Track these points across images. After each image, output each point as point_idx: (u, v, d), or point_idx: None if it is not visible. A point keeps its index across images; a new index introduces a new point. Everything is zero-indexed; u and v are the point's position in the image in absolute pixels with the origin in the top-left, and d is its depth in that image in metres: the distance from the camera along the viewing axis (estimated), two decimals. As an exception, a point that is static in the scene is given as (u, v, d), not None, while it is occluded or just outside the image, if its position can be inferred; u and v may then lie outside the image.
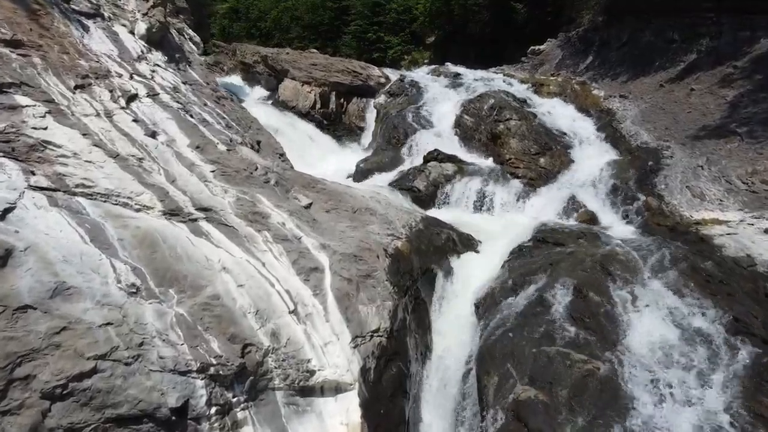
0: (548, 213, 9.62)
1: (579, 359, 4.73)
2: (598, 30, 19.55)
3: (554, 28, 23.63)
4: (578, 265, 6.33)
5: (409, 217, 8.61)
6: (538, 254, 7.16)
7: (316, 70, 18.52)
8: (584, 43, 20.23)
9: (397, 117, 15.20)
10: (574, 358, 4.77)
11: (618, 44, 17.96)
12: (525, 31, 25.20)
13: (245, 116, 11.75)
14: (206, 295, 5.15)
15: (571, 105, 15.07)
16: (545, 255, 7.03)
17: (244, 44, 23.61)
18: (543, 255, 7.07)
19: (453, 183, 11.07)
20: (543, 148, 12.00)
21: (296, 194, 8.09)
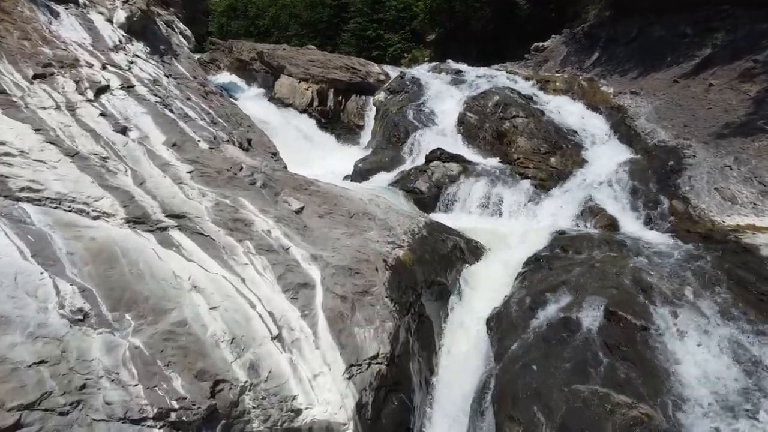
0: (563, 217, 8.69)
1: (621, 402, 3.82)
2: (605, 25, 18.60)
3: (558, 24, 22.69)
4: (607, 280, 5.40)
5: (412, 223, 7.68)
6: (558, 266, 6.22)
7: (314, 67, 17.58)
8: (590, 39, 19.29)
9: (397, 115, 14.27)
10: (615, 400, 3.85)
11: (626, 40, 17.02)
12: (528, 27, 24.25)
13: (235, 113, 10.82)
14: (170, 321, 4.21)
15: (580, 102, 14.11)
16: (566, 267, 6.09)
17: (240, 41, 22.66)
18: (563, 267, 6.14)
19: (457, 184, 10.14)
20: (553, 147, 11.07)
21: (286, 197, 7.15)
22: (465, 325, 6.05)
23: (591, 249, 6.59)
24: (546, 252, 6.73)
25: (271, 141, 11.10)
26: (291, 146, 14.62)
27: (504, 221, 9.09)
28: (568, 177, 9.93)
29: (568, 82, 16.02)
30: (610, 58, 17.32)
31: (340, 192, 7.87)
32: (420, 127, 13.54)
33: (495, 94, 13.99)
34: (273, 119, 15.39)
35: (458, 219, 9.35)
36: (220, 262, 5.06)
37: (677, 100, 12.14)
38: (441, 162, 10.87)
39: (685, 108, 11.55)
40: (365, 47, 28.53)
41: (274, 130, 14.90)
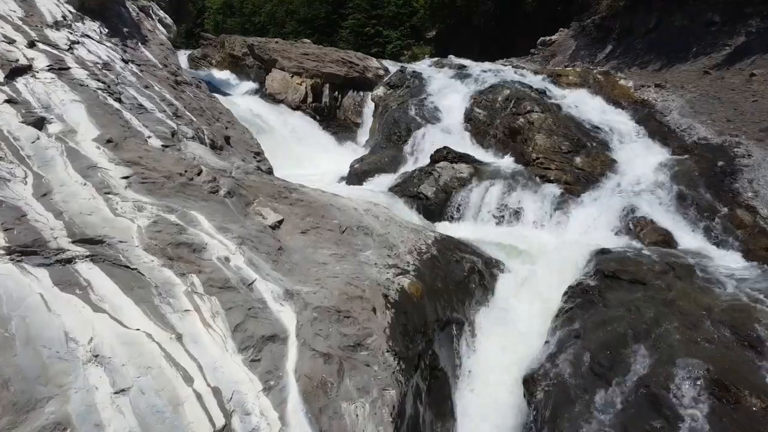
0: (600, 229, 7.01)
1: None
2: (619, 17, 16.92)
3: (564, 17, 21.00)
4: (695, 328, 3.74)
5: (418, 238, 5.99)
6: (615, 301, 4.55)
7: (308, 60, 15.87)
8: (602, 32, 17.63)
9: (398, 111, 12.57)
10: None
11: (644, 31, 15.34)
12: (532, 22, 22.54)
13: (213, 107, 9.12)
14: (38, 426, 2.53)
15: (598, 96, 12.41)
16: (627, 304, 4.42)
17: (232, 36, 20.93)
18: (623, 303, 4.46)
19: (469, 188, 8.45)
20: (576, 146, 9.37)
21: (260, 208, 5.47)
22: (492, 382, 4.37)
23: (653, 276, 4.91)
24: (592, 279, 5.05)
25: (254, 139, 9.41)
26: (282, 145, 12.94)
27: (526, 233, 7.40)
28: (598, 180, 8.23)
29: (582, 76, 14.28)
30: (626, 51, 15.64)
31: (329, 200, 6.17)
32: (423, 124, 11.85)
33: (505, 88, 12.31)
34: (262, 116, 13.69)
35: (471, 230, 7.68)
36: (146, 310, 3.37)
37: (713, 92, 10.46)
38: (449, 163, 9.18)
39: (725, 101, 9.86)
40: (364, 44, 26.81)
41: (263, 127, 13.21)
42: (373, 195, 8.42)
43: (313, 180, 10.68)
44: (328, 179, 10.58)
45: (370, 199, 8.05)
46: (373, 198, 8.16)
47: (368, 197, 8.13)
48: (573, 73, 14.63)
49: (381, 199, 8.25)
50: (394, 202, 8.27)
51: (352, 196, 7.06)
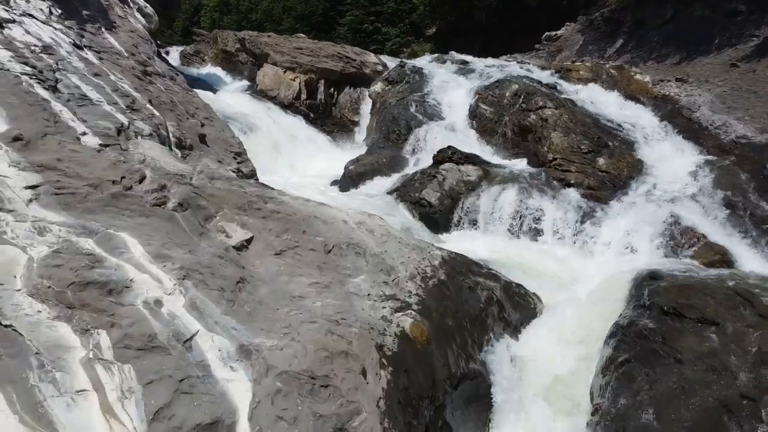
0: (640, 244, 5.77)
1: None
2: (630, 9, 15.66)
3: (569, 12, 19.74)
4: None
5: (421, 259, 4.76)
6: (686, 351, 3.33)
7: (302, 55, 14.62)
8: (611, 25, 16.35)
9: (397, 107, 11.33)
10: None
11: (659, 23, 14.08)
12: (536, 17, 21.27)
13: (189, 101, 7.89)
14: None
15: (613, 91, 11.16)
16: (703, 356, 3.21)
17: (225, 32, 19.68)
18: (697, 355, 3.25)
19: (478, 193, 7.22)
20: (596, 145, 8.14)
21: (224, 223, 4.24)
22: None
23: (725, 311, 3.68)
24: (647, 316, 3.81)
25: (236, 138, 8.18)
26: (271, 146, 11.72)
27: (548, 247, 6.18)
28: (626, 185, 7.00)
29: (593, 71, 13.00)
30: (639, 44, 14.38)
31: (313, 211, 4.93)
32: (424, 121, 10.61)
33: (512, 83, 11.06)
34: (251, 114, 12.44)
35: (482, 242, 6.45)
36: (12, 397, 2.15)
37: (746, 86, 9.22)
38: (454, 164, 7.94)
39: (762, 95, 8.63)
40: (362, 41, 25.50)
41: (252, 126, 11.97)
42: (369, 201, 7.20)
43: (304, 183, 9.46)
44: (320, 183, 9.36)
45: (364, 206, 6.83)
46: (369, 204, 6.94)
47: (362, 205, 6.91)
48: (584, 68, 13.36)
49: (378, 205, 7.03)
50: (393, 208, 7.04)
51: (343, 205, 5.82)
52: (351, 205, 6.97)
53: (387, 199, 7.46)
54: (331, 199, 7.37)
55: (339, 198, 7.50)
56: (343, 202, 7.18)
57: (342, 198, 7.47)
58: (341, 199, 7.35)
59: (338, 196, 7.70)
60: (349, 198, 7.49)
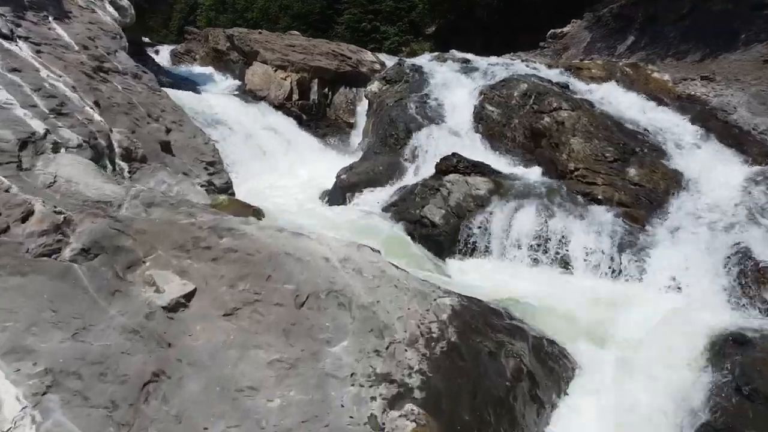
0: (695, 284, 4.52)
1: None
2: (641, 4, 14.38)
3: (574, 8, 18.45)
4: None
5: (425, 310, 3.52)
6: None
7: (294, 53, 13.34)
8: (621, 22, 15.07)
9: (395, 108, 10.06)
10: None
11: (675, 17, 12.80)
12: (538, 14, 19.98)
13: (153, 103, 6.62)
14: None
15: (632, 91, 9.91)
16: None
17: (216, 30, 18.39)
18: None
19: (489, 211, 5.96)
20: (623, 152, 6.90)
21: (155, 271, 3.01)
22: None
23: None
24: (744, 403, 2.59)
25: (209, 144, 6.93)
26: (257, 151, 10.49)
27: (578, 280, 4.93)
28: (665, 202, 5.75)
29: (606, 69, 11.73)
30: (653, 41, 13.11)
31: (284, 246, 3.68)
32: (425, 123, 9.34)
33: (521, 82, 9.80)
34: (238, 116, 11.18)
35: (495, 272, 5.22)
36: None
37: (788, 84, 7.97)
38: (460, 175, 6.69)
39: (810, 95, 7.38)
40: (360, 40, 24.22)
41: (237, 129, 10.72)
42: (361, 220, 5.95)
43: (291, 193, 8.23)
44: (308, 194, 8.11)
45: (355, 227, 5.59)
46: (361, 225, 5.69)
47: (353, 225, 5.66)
48: (595, 65, 12.09)
49: (371, 226, 5.78)
50: (390, 229, 5.80)
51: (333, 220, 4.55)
52: (340, 223, 5.74)
53: (382, 217, 6.20)
54: (318, 216, 6.14)
55: (327, 215, 6.26)
56: (331, 220, 5.94)
57: (330, 215, 6.23)
58: (329, 217, 6.11)
59: (327, 213, 6.45)
60: (339, 215, 6.24)
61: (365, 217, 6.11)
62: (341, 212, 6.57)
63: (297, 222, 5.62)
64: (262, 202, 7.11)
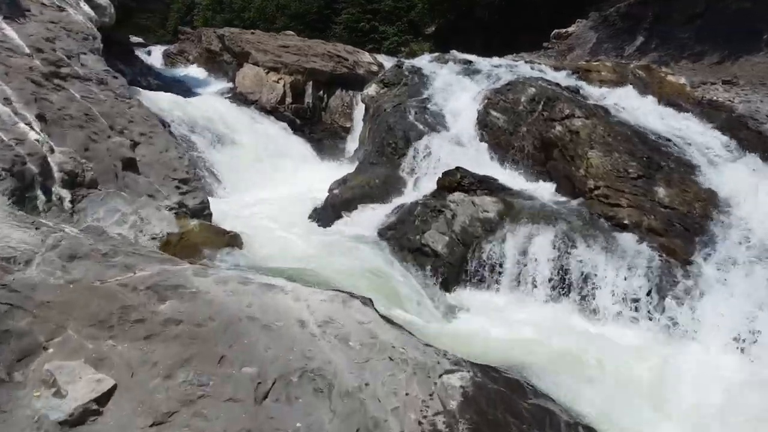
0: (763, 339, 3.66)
1: None
2: (651, 4, 13.48)
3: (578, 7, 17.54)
4: None
5: (427, 394, 2.66)
6: None
7: (288, 54, 12.44)
8: (629, 21, 14.19)
9: (393, 114, 9.18)
10: None
11: (687, 17, 11.92)
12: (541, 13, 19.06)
13: (119, 112, 5.73)
14: None
15: (648, 96, 9.03)
16: None
17: (209, 30, 17.48)
18: None
19: (500, 238, 5.08)
20: (647, 167, 6.02)
21: (59, 364, 2.13)
22: None
23: None
24: None
25: (183, 158, 6.04)
26: (246, 159, 9.62)
27: (608, 328, 4.06)
28: (705, 228, 4.88)
29: (616, 71, 10.81)
30: (664, 42, 12.23)
31: (249, 307, 2.81)
32: (425, 131, 8.47)
33: (527, 86, 8.90)
34: (225, 121, 10.29)
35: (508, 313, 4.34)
36: None
37: (826, 90, 7.09)
38: (465, 194, 5.82)
39: None
40: (359, 41, 23.31)
41: (226, 136, 9.84)
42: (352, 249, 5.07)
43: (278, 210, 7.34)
44: (297, 210, 7.23)
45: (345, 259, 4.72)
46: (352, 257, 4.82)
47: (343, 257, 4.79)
48: (605, 67, 11.16)
49: (364, 258, 4.91)
50: (386, 261, 4.92)
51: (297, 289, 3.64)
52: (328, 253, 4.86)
53: (377, 243, 5.33)
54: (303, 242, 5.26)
55: (315, 241, 5.37)
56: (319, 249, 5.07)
57: (318, 242, 5.34)
58: (317, 244, 5.23)
59: (315, 238, 5.56)
60: (328, 242, 5.36)
61: (358, 247, 5.23)
62: (332, 237, 5.69)
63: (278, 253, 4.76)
64: (245, 221, 6.25)
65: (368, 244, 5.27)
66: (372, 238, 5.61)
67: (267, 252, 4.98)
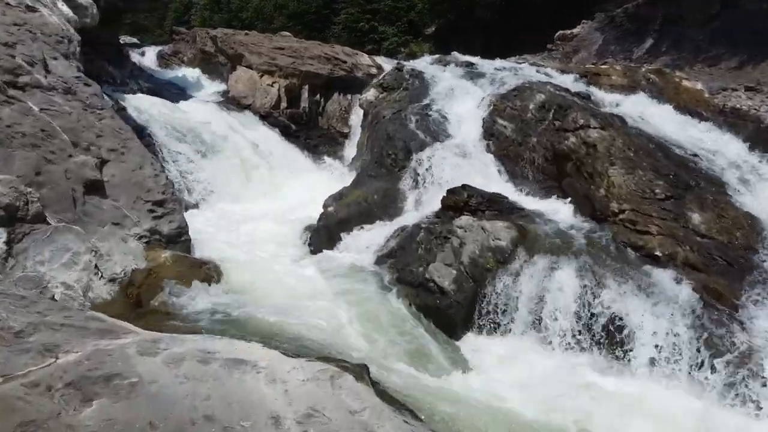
0: None
1: None
2: (661, 3, 12.76)
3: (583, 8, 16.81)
4: None
5: None
6: None
7: (283, 56, 11.71)
8: (637, 22, 13.48)
9: (393, 122, 8.48)
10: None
11: (702, 18, 11.20)
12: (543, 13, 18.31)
13: (87, 126, 5.03)
14: None
15: (663, 103, 8.36)
16: None
17: (204, 30, 16.72)
18: None
19: (515, 272, 4.38)
20: (674, 186, 5.32)
21: None
22: None
23: None
24: None
25: (160, 176, 5.33)
26: (236, 169, 8.90)
27: (646, 388, 3.36)
28: (750, 263, 4.19)
29: (628, 76, 10.11)
30: (676, 44, 11.52)
31: (204, 402, 2.10)
32: (427, 141, 7.77)
33: (536, 92, 8.20)
34: (218, 128, 9.56)
35: (526, 365, 3.65)
36: None
37: None
38: (474, 218, 5.11)
39: None
40: (358, 41, 22.60)
41: (216, 145, 9.12)
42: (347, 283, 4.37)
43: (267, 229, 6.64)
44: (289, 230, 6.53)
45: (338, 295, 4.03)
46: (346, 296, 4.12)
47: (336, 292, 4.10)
48: (614, 71, 10.46)
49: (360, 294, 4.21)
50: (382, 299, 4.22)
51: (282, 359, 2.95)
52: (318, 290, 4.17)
53: (376, 277, 4.63)
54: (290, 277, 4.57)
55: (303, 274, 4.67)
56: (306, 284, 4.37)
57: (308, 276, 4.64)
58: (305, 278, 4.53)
59: (304, 269, 4.86)
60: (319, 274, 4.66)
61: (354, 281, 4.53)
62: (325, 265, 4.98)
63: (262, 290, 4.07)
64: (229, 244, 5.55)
65: (365, 277, 4.58)
66: (370, 267, 4.92)
67: (249, 286, 4.28)
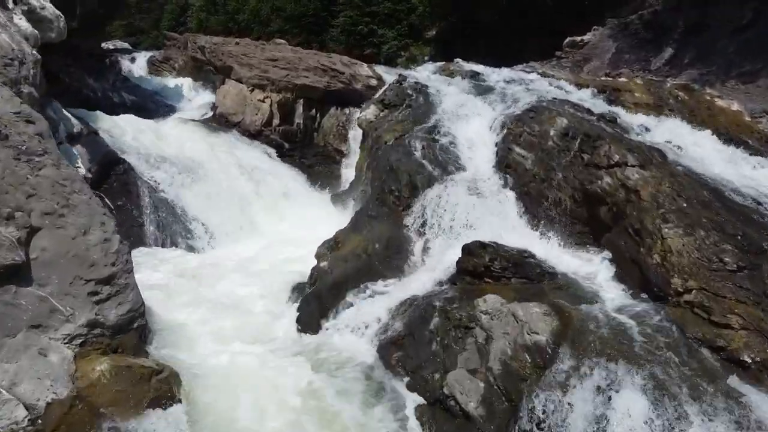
0: None
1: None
2: (682, 10, 11.54)
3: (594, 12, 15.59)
4: None
5: None
6: None
7: (276, 68, 10.49)
8: (654, 31, 12.23)
9: (395, 150, 7.30)
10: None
11: (732, 27, 9.99)
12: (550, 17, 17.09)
13: (16, 182, 3.85)
14: None
15: (704, 129, 7.22)
16: None
17: (196, 35, 15.48)
18: None
19: (560, 385, 3.24)
20: (745, 251, 4.18)
21: None
22: None
23: None
24: None
25: (112, 241, 4.14)
26: (219, 200, 7.72)
27: None
28: None
29: (651, 92, 8.90)
30: (701, 56, 10.32)
31: None
32: (435, 175, 6.58)
33: (556, 115, 6.98)
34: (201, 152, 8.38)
35: None
36: None
37: None
38: (500, 299, 3.94)
39: None
40: (356, 44, 21.39)
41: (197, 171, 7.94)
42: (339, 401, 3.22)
43: (245, 284, 5.47)
44: (274, 286, 5.37)
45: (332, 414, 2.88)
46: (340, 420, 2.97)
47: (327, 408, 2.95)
48: (636, 86, 9.26)
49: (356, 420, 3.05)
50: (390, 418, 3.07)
51: None
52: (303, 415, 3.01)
53: (379, 379, 3.49)
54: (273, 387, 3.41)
55: (289, 380, 3.52)
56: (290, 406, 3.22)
57: (294, 378, 3.50)
58: (293, 385, 3.38)
59: (288, 370, 3.71)
60: (311, 365, 3.52)
61: (349, 382, 3.39)
62: (315, 358, 3.84)
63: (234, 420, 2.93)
64: (198, 321, 4.40)
65: (367, 385, 3.43)
66: (370, 360, 3.78)
67: (216, 404, 3.14)
